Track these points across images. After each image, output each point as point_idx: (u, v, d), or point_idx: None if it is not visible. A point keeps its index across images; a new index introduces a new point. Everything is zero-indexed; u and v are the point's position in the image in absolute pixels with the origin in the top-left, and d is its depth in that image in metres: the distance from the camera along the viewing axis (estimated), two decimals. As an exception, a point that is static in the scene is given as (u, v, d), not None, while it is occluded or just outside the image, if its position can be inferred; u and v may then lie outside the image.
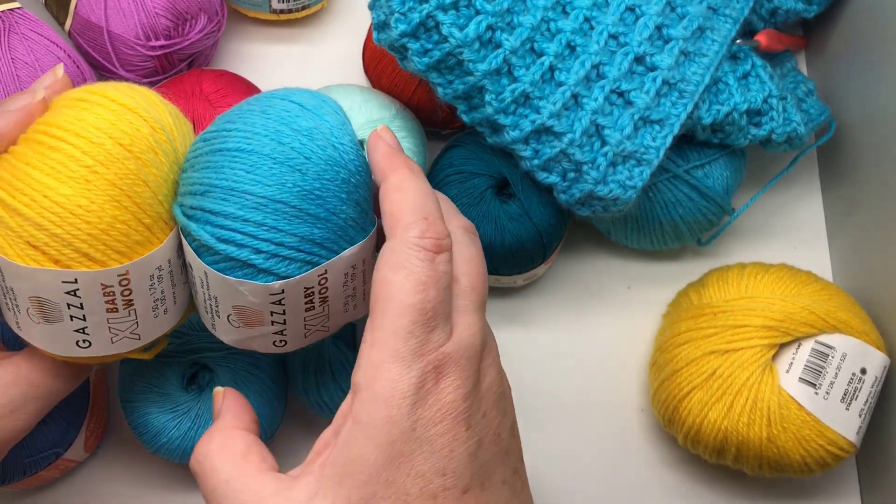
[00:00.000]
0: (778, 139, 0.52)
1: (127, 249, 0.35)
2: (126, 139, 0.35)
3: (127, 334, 0.37)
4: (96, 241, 0.34)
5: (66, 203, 0.34)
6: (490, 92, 0.45)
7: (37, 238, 0.34)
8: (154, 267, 0.36)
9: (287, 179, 0.35)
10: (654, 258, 0.58)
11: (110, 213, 0.35)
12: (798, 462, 0.48)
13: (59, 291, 0.35)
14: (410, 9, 0.43)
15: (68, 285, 0.35)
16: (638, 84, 0.48)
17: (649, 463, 0.54)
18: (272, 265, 0.35)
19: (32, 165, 0.35)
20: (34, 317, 0.36)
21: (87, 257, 0.35)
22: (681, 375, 0.50)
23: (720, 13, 0.52)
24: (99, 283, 0.35)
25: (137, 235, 0.36)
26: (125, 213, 0.35)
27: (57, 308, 0.35)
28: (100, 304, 0.36)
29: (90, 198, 0.34)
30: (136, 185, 0.35)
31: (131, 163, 0.35)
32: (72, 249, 0.34)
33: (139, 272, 0.36)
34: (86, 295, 0.35)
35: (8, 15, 0.52)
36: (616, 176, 0.48)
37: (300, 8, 0.59)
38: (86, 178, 0.34)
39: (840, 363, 0.48)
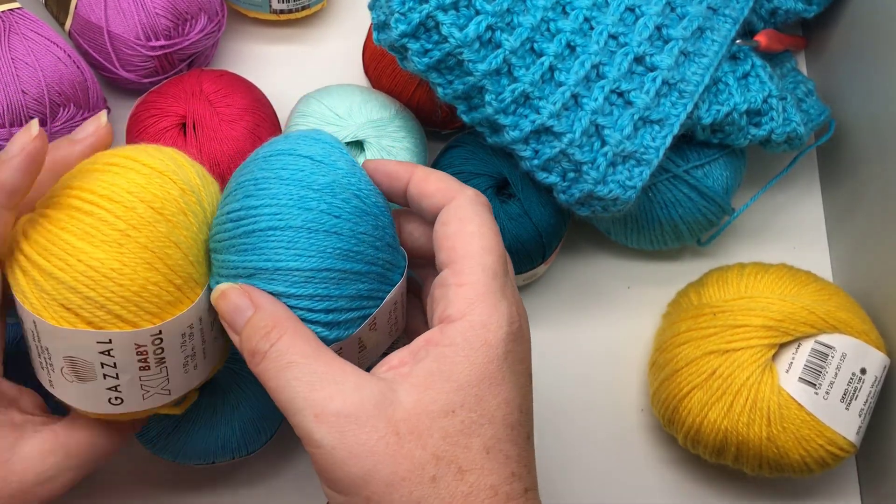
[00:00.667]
0: (778, 139, 0.52)
1: (159, 310, 0.36)
2: (157, 202, 0.36)
3: (158, 390, 0.38)
4: (129, 303, 0.35)
5: (100, 266, 0.35)
6: (490, 92, 0.45)
7: (70, 300, 0.35)
8: (186, 325, 0.37)
9: (325, 246, 0.36)
10: (654, 258, 0.58)
11: (143, 276, 0.35)
12: (798, 462, 0.48)
13: (94, 351, 0.36)
14: (410, 9, 0.43)
15: (103, 345, 0.35)
16: (638, 84, 0.48)
17: (649, 463, 0.54)
18: (333, 332, 0.37)
19: (66, 230, 0.35)
20: (68, 376, 0.37)
21: (121, 319, 0.35)
22: (681, 375, 0.50)
23: (720, 13, 0.52)
24: (133, 343, 0.36)
25: (169, 296, 0.36)
26: (157, 274, 0.36)
27: (91, 367, 0.36)
28: (133, 363, 0.36)
29: (123, 261, 0.35)
30: (168, 248, 0.36)
31: (162, 226, 0.36)
32: (105, 311, 0.35)
33: (172, 331, 0.37)
34: (119, 355, 0.36)
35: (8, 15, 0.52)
36: (616, 176, 0.48)
37: (300, 8, 0.59)
38: (118, 241, 0.35)
39: (840, 363, 0.48)
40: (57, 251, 0.35)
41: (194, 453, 0.48)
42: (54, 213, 0.36)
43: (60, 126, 0.52)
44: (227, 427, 0.48)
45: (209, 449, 0.48)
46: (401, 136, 0.51)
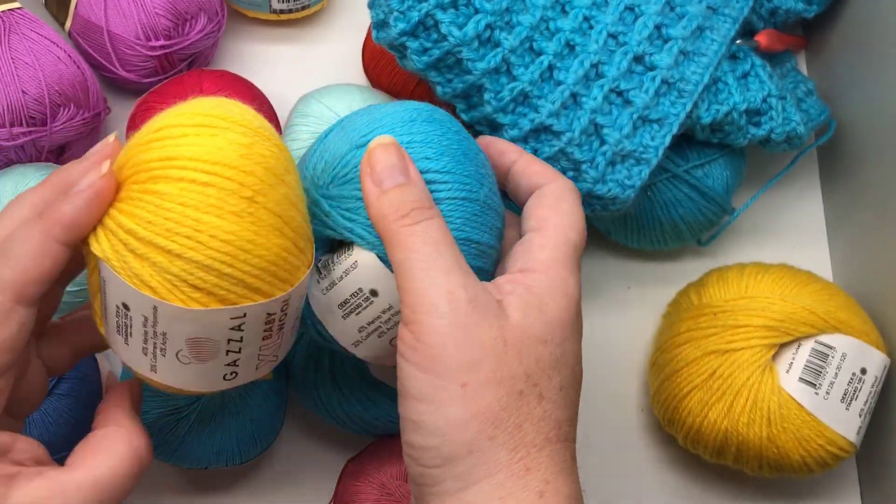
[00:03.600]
0: (777, 139, 0.52)
1: (289, 276, 0.34)
2: (270, 162, 0.34)
3: (269, 358, 0.37)
4: (266, 273, 0.33)
5: (235, 240, 0.32)
6: (489, 91, 0.45)
7: (205, 280, 0.32)
8: (305, 287, 0.36)
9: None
10: (654, 258, 0.58)
11: (276, 243, 0.33)
12: (798, 462, 0.48)
13: (225, 328, 0.34)
14: (410, 7, 0.43)
15: (236, 321, 0.34)
16: (637, 83, 0.48)
17: (649, 463, 0.54)
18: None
19: (188, 205, 0.32)
20: (185, 358, 0.34)
21: (257, 291, 0.33)
22: (681, 375, 0.50)
23: (720, 13, 0.52)
24: (265, 313, 0.34)
25: (296, 260, 0.35)
26: (286, 240, 0.34)
27: (216, 346, 0.34)
28: (259, 334, 0.35)
29: (256, 231, 0.33)
30: (290, 210, 0.34)
31: (281, 187, 0.34)
32: (243, 286, 0.33)
33: (297, 296, 0.36)
34: (250, 328, 0.34)
35: (8, 15, 0.52)
36: (615, 175, 0.48)
37: (300, 8, 0.59)
38: (248, 210, 0.33)
39: (840, 363, 0.48)
40: (184, 229, 0.32)
41: (190, 457, 0.48)
42: (161, 188, 0.32)
43: (60, 126, 0.52)
44: (226, 434, 0.48)
45: (205, 454, 0.48)
46: (400, 136, 0.51)
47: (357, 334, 0.39)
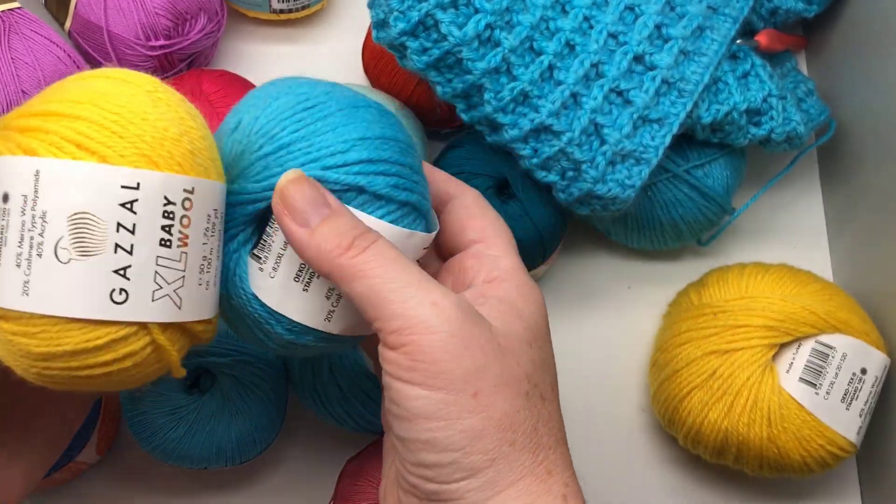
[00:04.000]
0: (778, 139, 0.52)
1: (195, 166, 0.31)
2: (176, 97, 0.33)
3: (170, 292, 0.31)
4: (166, 144, 0.30)
5: (131, 105, 0.30)
6: (489, 90, 0.45)
7: (95, 138, 0.29)
8: (211, 207, 0.32)
9: (388, 132, 0.35)
10: (654, 258, 0.58)
11: (183, 122, 0.32)
12: (798, 462, 0.48)
13: (114, 203, 0.29)
14: (410, 7, 0.43)
15: (127, 193, 0.29)
16: (637, 83, 0.48)
17: (649, 463, 0.54)
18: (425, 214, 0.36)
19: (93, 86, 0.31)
20: (63, 254, 0.29)
21: (154, 165, 0.30)
22: (681, 375, 0.50)
23: (720, 12, 0.52)
24: (162, 195, 0.30)
25: (205, 154, 0.32)
26: (194, 123, 0.32)
27: (102, 231, 0.29)
28: (155, 230, 0.30)
29: (157, 108, 0.31)
30: (198, 115, 0.33)
31: (195, 119, 0.33)
32: (136, 153, 0.30)
33: (202, 200, 0.32)
34: (144, 211, 0.30)
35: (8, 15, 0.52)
36: (615, 175, 0.48)
37: (300, 8, 0.59)
38: (155, 95, 0.31)
39: (840, 363, 0.48)
40: (78, 96, 0.30)
41: (189, 457, 0.48)
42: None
43: (60, 125, 0.52)
44: (225, 434, 0.48)
45: (204, 454, 0.48)
46: (400, 136, 0.51)
47: (326, 302, 0.35)
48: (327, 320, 0.35)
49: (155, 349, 0.31)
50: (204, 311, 0.33)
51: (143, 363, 0.31)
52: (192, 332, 0.33)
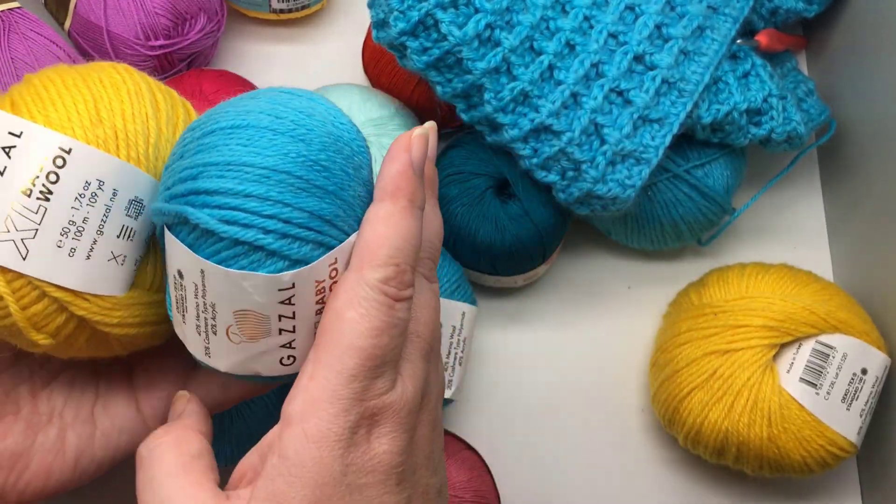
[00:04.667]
0: (778, 138, 0.52)
1: (82, 132, 0.33)
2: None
3: (16, 238, 0.32)
4: (64, 107, 0.34)
5: (70, 78, 0.35)
6: (489, 90, 0.45)
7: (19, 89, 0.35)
8: (97, 177, 0.33)
9: (290, 149, 0.32)
10: (654, 258, 0.58)
11: (121, 104, 0.35)
12: (799, 462, 0.48)
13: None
14: (410, 7, 0.43)
15: (9, 138, 0.33)
16: (637, 83, 0.48)
17: (649, 463, 0.54)
18: (282, 246, 0.31)
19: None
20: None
21: (45, 117, 0.33)
22: (681, 375, 0.50)
23: (720, 12, 0.52)
24: (39, 147, 0.33)
25: (108, 134, 0.34)
26: (134, 111, 0.35)
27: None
28: (19, 178, 0.32)
29: (99, 84, 0.35)
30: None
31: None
32: (39, 107, 0.34)
33: (84, 164, 0.33)
34: (16, 157, 0.33)
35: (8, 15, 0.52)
36: (615, 175, 0.48)
37: (300, 7, 0.59)
38: (108, 75, 0.35)
39: (841, 363, 0.48)
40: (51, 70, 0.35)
41: None
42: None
43: (60, 125, 0.52)
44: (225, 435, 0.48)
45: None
46: (400, 135, 0.51)
47: (199, 338, 0.34)
48: (207, 355, 0.34)
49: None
50: (64, 277, 0.33)
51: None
52: (60, 302, 0.33)
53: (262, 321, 0.32)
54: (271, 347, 0.33)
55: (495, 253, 0.50)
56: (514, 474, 0.53)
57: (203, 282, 0.32)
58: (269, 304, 0.32)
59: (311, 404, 0.30)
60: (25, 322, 0.33)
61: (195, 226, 0.32)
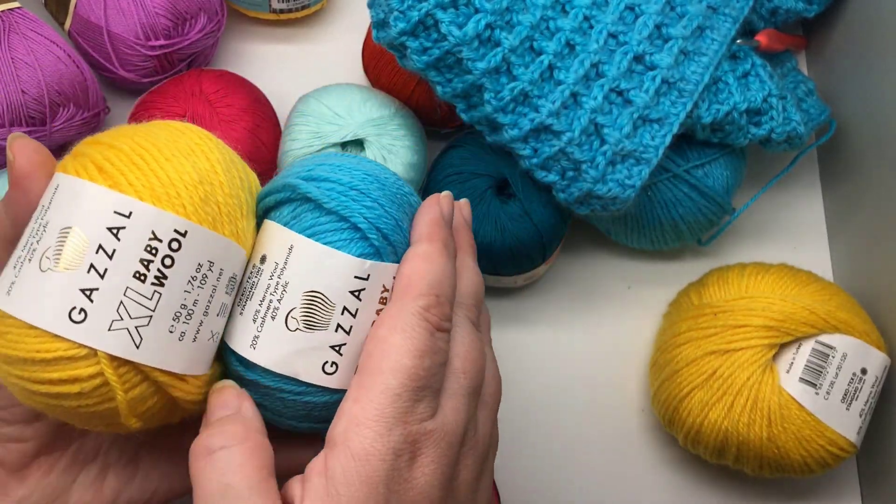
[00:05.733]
0: (778, 138, 0.52)
1: (193, 211, 0.32)
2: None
3: (130, 326, 0.31)
4: (171, 185, 0.32)
5: (166, 149, 0.33)
6: (489, 90, 0.45)
7: (112, 163, 0.31)
8: (209, 258, 0.32)
9: (382, 175, 0.37)
10: (654, 258, 0.58)
11: (216, 178, 0.33)
12: (798, 462, 0.48)
13: (101, 225, 0.30)
14: (410, 7, 0.43)
15: (117, 219, 0.31)
16: (637, 83, 0.48)
17: (649, 463, 0.54)
18: (370, 232, 0.34)
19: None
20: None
21: (153, 194, 0.31)
22: (681, 375, 0.50)
23: (720, 12, 0.52)
24: (150, 229, 0.31)
25: (214, 212, 0.33)
26: (230, 186, 0.34)
27: (81, 248, 0.30)
28: (132, 261, 0.31)
29: (193, 156, 0.33)
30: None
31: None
32: (143, 182, 0.31)
33: (197, 246, 0.32)
34: (127, 239, 0.31)
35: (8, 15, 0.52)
36: (615, 175, 0.48)
37: (300, 7, 0.59)
38: (196, 144, 0.34)
39: (841, 363, 0.48)
40: (129, 133, 0.33)
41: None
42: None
43: (60, 126, 0.52)
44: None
45: None
46: (400, 135, 0.51)
47: (252, 326, 0.34)
48: (252, 347, 0.34)
49: (103, 383, 0.30)
50: (173, 361, 0.32)
51: (88, 394, 0.31)
52: (159, 384, 0.32)
53: (327, 309, 0.34)
54: (322, 344, 0.34)
55: (495, 253, 0.50)
56: (514, 474, 0.53)
57: (286, 259, 0.34)
58: (341, 290, 0.34)
59: (356, 424, 0.31)
60: (126, 407, 0.31)
61: (300, 200, 0.35)
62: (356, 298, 0.34)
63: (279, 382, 0.34)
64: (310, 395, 0.35)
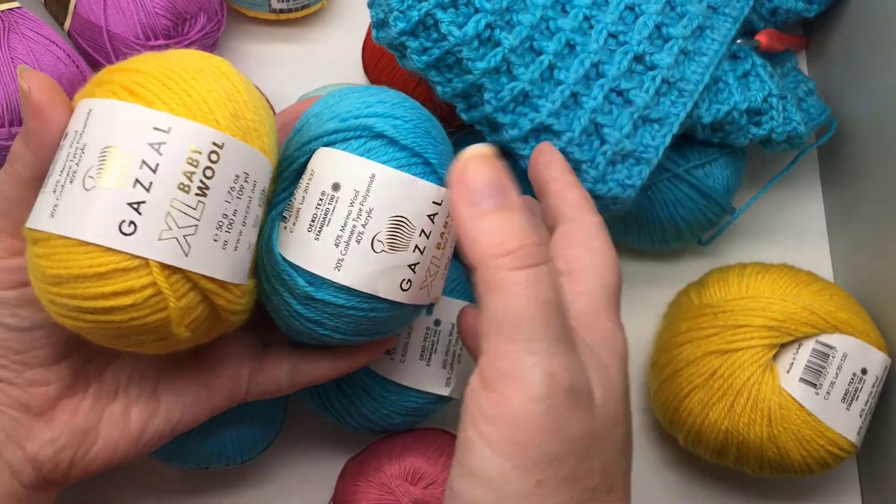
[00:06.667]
0: (778, 138, 0.52)
1: (226, 125, 0.33)
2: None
3: (178, 236, 0.32)
4: (203, 101, 0.33)
5: (192, 71, 0.34)
6: (489, 90, 0.45)
7: (142, 85, 0.33)
8: (244, 169, 0.34)
9: (430, 118, 0.40)
10: (655, 258, 0.58)
11: (240, 96, 0.34)
12: (799, 462, 0.48)
13: (142, 141, 0.31)
14: (409, 7, 0.43)
15: (157, 134, 0.32)
16: (637, 83, 0.48)
17: (650, 463, 0.54)
18: (440, 168, 0.38)
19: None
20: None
21: (188, 110, 0.33)
22: (681, 376, 0.50)
23: (720, 12, 0.52)
24: (190, 142, 0.32)
25: (244, 126, 0.34)
26: (252, 102, 0.35)
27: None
28: (176, 174, 0.32)
29: (216, 76, 0.34)
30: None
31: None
32: (176, 100, 0.33)
33: (233, 157, 0.33)
34: (169, 153, 0.32)
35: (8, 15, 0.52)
36: (615, 175, 0.48)
37: (300, 7, 0.59)
38: (217, 68, 0.35)
39: (841, 363, 0.48)
40: (153, 59, 0.34)
41: (190, 458, 0.48)
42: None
43: (60, 125, 0.52)
44: (225, 435, 0.48)
45: (205, 455, 0.48)
46: (400, 135, 0.51)
47: (335, 250, 0.36)
48: (337, 269, 0.36)
49: (155, 293, 0.32)
50: (219, 269, 0.33)
51: (142, 304, 0.32)
52: (206, 293, 0.33)
53: (409, 231, 0.36)
54: (401, 264, 0.37)
55: (495, 253, 0.50)
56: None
57: (369, 187, 0.36)
58: (421, 214, 0.37)
59: (594, 310, 0.33)
60: (177, 316, 0.32)
61: (377, 136, 0.37)
62: (431, 222, 0.37)
63: (355, 300, 0.37)
64: (378, 311, 0.37)
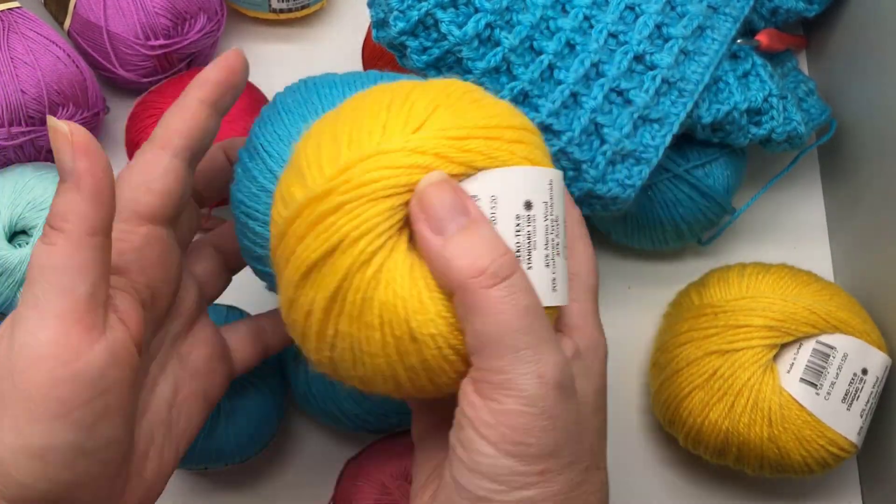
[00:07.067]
0: (778, 138, 0.52)
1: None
2: None
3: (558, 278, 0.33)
4: (544, 150, 0.34)
5: (519, 123, 0.33)
6: (489, 90, 0.45)
7: (528, 145, 0.33)
8: None
9: None
10: (655, 258, 0.58)
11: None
12: (799, 462, 0.48)
13: (545, 196, 0.32)
14: (409, 6, 0.43)
15: (548, 188, 0.33)
16: (637, 83, 0.48)
17: (650, 463, 0.54)
18: None
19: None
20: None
21: (545, 160, 0.33)
22: (681, 376, 0.50)
23: (720, 12, 0.52)
24: (550, 187, 0.33)
25: None
26: None
27: (562, 231, 0.34)
28: (556, 223, 0.33)
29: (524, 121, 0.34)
30: None
31: None
32: (543, 155, 0.33)
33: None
34: (556, 205, 0.33)
35: (7, 14, 0.52)
36: (615, 175, 0.47)
37: (300, 7, 0.59)
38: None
39: (841, 363, 0.48)
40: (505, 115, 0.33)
41: (189, 458, 0.47)
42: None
43: (59, 125, 0.52)
44: (224, 434, 0.47)
45: (204, 455, 0.47)
46: (400, 135, 0.51)
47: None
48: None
49: None
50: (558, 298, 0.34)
51: None
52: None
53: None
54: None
55: (495, 253, 0.50)
56: (514, 474, 0.53)
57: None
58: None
59: (584, 318, 0.35)
60: None
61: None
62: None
63: None
64: None
